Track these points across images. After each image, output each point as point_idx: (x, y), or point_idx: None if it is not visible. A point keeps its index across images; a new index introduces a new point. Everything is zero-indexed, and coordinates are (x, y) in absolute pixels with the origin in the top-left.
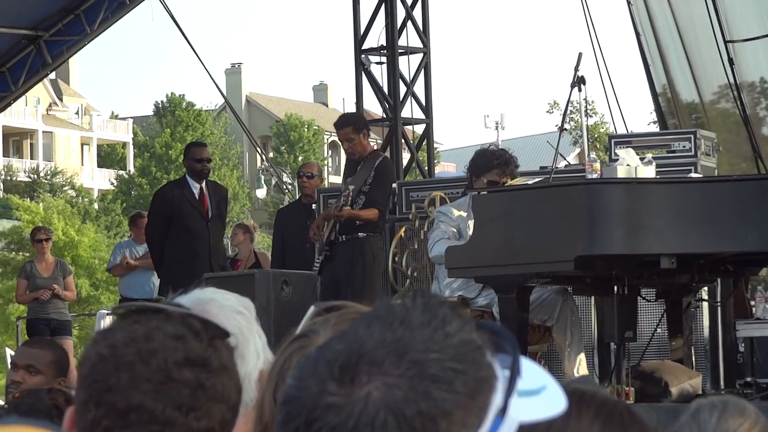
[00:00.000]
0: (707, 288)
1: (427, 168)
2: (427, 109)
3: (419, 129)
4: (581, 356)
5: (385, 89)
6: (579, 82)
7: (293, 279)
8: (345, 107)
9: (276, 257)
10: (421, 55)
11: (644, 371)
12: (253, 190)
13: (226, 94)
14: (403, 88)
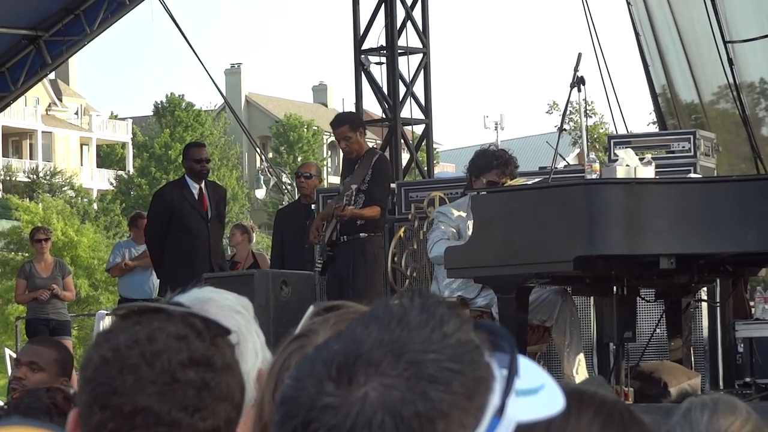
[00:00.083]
0: (706, 288)
1: (426, 168)
2: (426, 110)
3: (419, 129)
4: (580, 356)
5: (385, 89)
6: (578, 82)
7: (292, 279)
8: (344, 107)
9: (275, 257)
10: (421, 56)
11: (643, 372)
12: (253, 191)
13: (226, 95)
14: (402, 89)
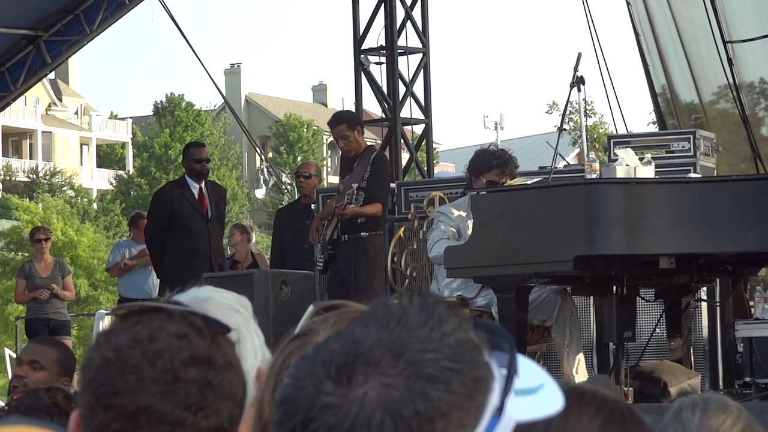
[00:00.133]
0: (706, 288)
1: (426, 168)
2: (426, 110)
3: (418, 129)
4: (580, 356)
5: (385, 89)
6: (578, 82)
7: (292, 279)
8: (344, 107)
9: (275, 257)
10: (421, 56)
11: (643, 371)
12: (252, 191)
13: (226, 95)
14: (402, 89)
